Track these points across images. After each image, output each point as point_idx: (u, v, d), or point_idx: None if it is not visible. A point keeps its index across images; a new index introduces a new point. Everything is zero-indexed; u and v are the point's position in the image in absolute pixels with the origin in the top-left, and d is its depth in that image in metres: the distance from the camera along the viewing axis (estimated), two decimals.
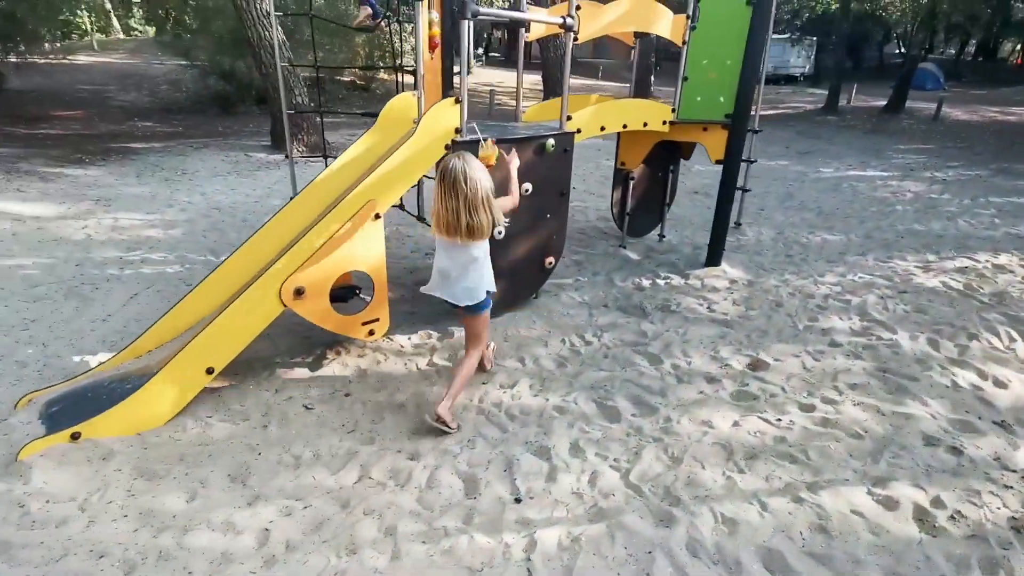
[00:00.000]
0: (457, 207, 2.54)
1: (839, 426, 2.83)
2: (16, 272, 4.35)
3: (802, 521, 2.22)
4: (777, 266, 5.15)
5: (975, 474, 2.51)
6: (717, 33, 4.32)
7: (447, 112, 3.21)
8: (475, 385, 3.19)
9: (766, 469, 2.51)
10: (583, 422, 2.86)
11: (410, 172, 3.15)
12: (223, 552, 2.02)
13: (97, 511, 2.19)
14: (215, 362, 2.77)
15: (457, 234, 2.60)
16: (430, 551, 2.07)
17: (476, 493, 2.37)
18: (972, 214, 6.95)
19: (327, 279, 3.00)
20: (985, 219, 6.72)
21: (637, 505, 2.30)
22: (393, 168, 3.07)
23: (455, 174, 2.51)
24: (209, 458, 2.52)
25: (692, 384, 3.22)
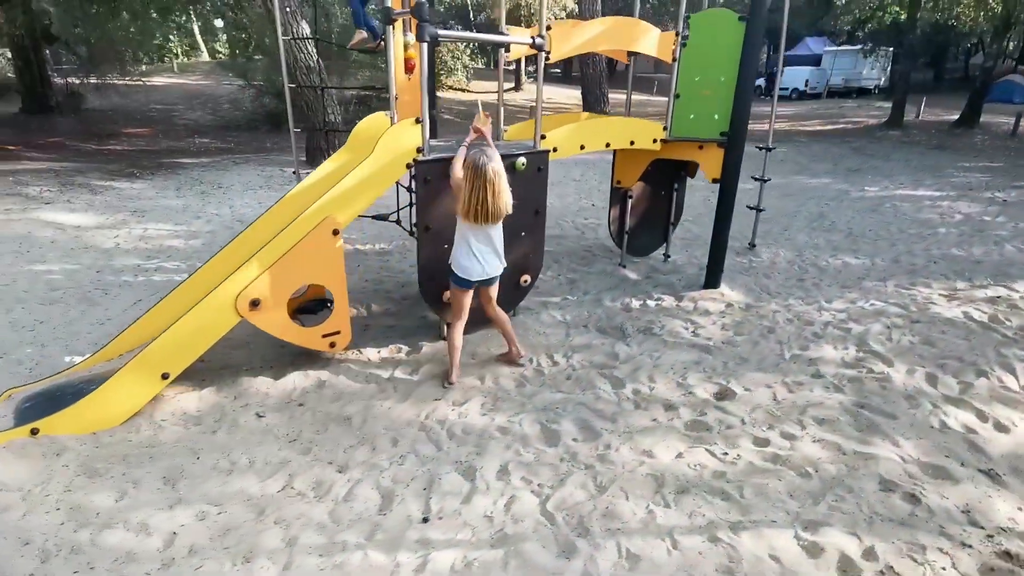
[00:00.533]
0: (487, 196, 2.94)
1: (788, 463, 2.65)
2: (43, 277, 4.76)
3: (710, 563, 2.09)
4: (783, 290, 4.91)
5: (927, 526, 2.29)
6: (709, 50, 4.20)
7: (408, 132, 3.28)
8: (427, 401, 3.20)
9: (693, 505, 2.39)
10: (520, 444, 2.82)
11: (368, 190, 3.23)
12: (128, 552, 2.12)
13: (35, 502, 2.35)
14: (171, 368, 2.93)
15: (488, 219, 3.01)
16: (322, 565, 2.09)
17: (388, 510, 2.38)
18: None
19: (284, 292, 3.11)
20: None
21: (545, 534, 2.24)
22: (351, 186, 3.16)
23: (483, 168, 2.91)
24: (150, 460, 2.65)
25: (647, 411, 3.11)
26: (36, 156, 9.59)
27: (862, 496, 2.44)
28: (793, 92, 30.73)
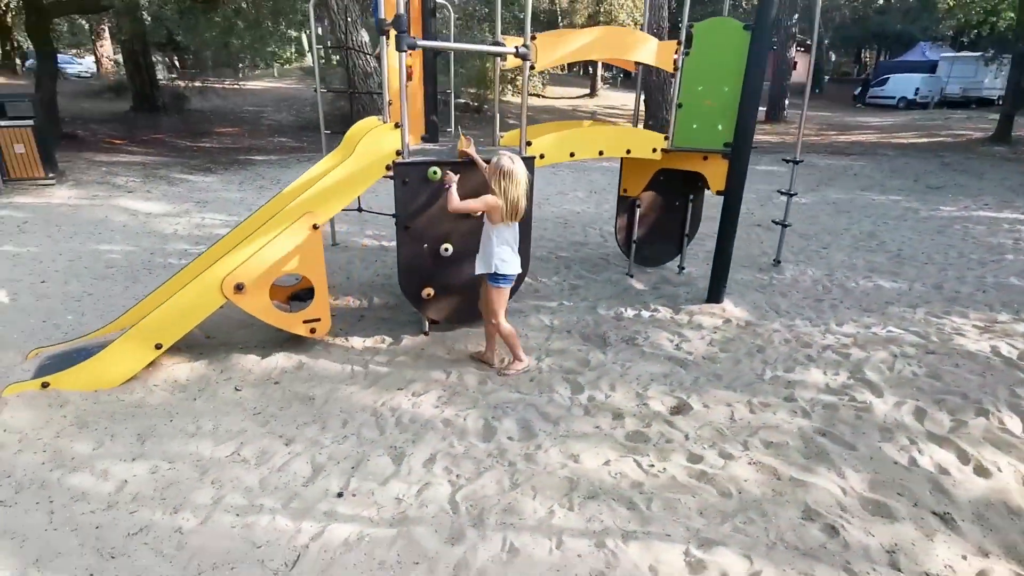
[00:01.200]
0: (519, 195, 3.21)
1: (713, 482, 2.60)
2: (104, 256, 5.43)
3: (585, 566, 2.12)
4: (794, 310, 4.68)
5: (831, 559, 2.18)
6: (713, 59, 4.12)
7: (387, 136, 3.50)
8: (389, 389, 3.39)
9: (595, 510, 2.41)
10: (456, 437, 2.94)
11: (348, 189, 3.48)
12: (83, 492, 2.46)
13: (28, 443, 2.76)
14: (163, 339, 3.30)
15: (519, 216, 3.30)
16: (234, 523, 2.32)
17: (311, 482, 2.58)
18: None
19: (266, 278, 3.41)
20: None
21: (442, 521, 2.35)
22: (330, 185, 3.42)
23: (513, 169, 3.17)
24: (132, 418, 3.02)
25: (593, 418, 3.13)
26: (135, 150, 10.82)
27: (774, 521, 2.36)
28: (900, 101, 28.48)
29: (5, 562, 2.07)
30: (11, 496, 2.41)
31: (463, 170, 3.55)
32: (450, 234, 3.75)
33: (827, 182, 10.38)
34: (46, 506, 2.36)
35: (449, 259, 3.80)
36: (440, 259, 3.79)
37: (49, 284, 4.71)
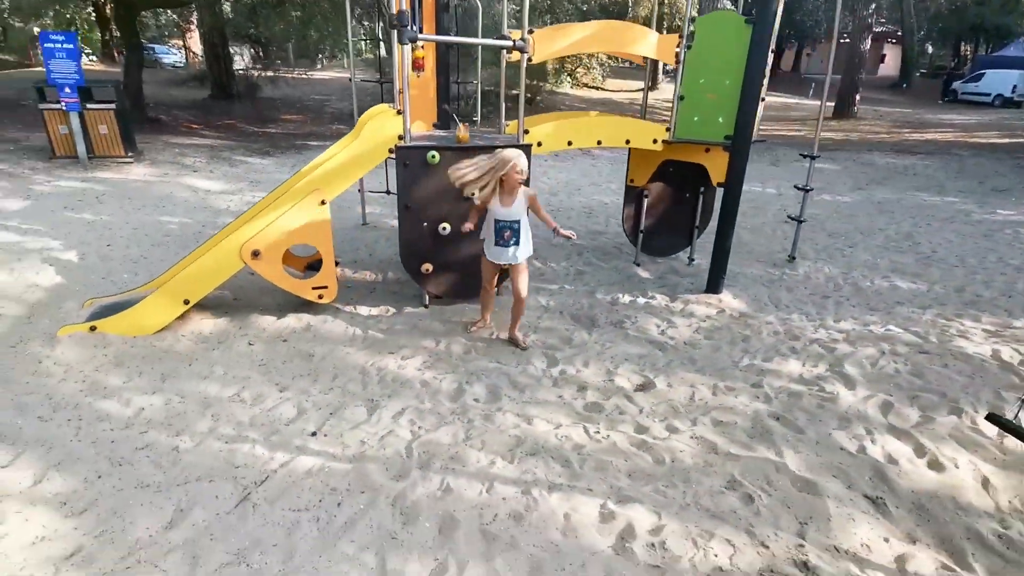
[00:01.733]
0: None
1: (651, 450, 2.78)
2: (164, 226, 6.09)
3: (507, 507, 2.37)
4: (795, 305, 4.68)
5: (737, 522, 2.33)
6: (715, 53, 4.18)
7: (391, 122, 3.82)
8: (381, 352, 3.74)
9: (532, 465, 2.65)
10: (429, 396, 3.24)
11: (353, 169, 3.84)
12: (106, 414, 2.94)
13: (71, 374, 3.29)
14: (191, 295, 3.78)
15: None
16: (220, 448, 2.72)
17: (292, 422, 2.95)
18: None
19: (280, 247, 3.83)
20: None
21: (395, 462, 2.67)
22: (338, 166, 3.79)
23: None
24: (159, 360, 3.51)
25: (559, 389, 3.35)
26: (207, 134, 11.78)
27: (695, 487, 2.52)
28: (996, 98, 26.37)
29: (33, 464, 2.55)
30: (48, 413, 2.92)
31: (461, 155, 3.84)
32: (448, 214, 4.05)
33: (880, 181, 9.93)
34: (75, 423, 2.85)
35: (447, 237, 4.10)
36: (439, 237, 4.09)
37: (113, 248, 5.38)
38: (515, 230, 3.57)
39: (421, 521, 2.30)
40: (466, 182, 3.40)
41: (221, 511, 2.33)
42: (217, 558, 2.11)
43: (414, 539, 2.22)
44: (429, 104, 4.56)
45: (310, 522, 2.29)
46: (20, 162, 8.17)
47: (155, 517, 2.28)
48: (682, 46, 4.23)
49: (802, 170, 10.68)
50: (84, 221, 6.10)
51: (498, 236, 3.59)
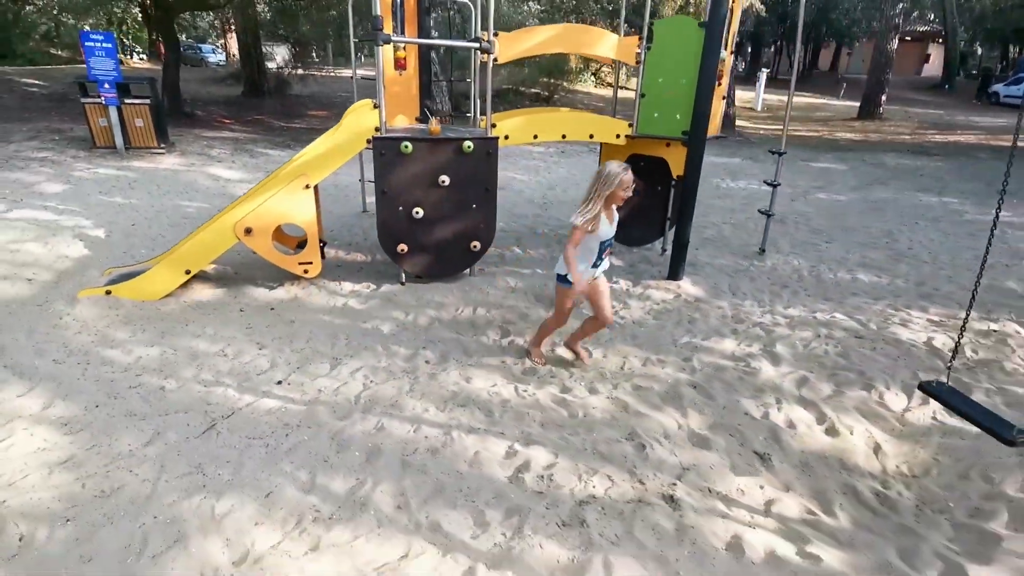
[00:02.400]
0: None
1: (567, 407, 3.14)
2: (183, 210, 6.70)
3: (426, 443, 2.78)
4: (752, 293, 4.94)
5: (622, 463, 2.68)
6: (671, 54, 4.49)
7: (367, 115, 4.26)
8: (355, 320, 4.18)
9: (460, 413, 3.05)
10: (386, 357, 3.66)
11: (335, 157, 4.29)
12: (111, 360, 3.45)
13: (85, 328, 3.83)
14: (191, 266, 4.30)
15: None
16: (198, 390, 3.20)
17: (264, 373, 3.42)
18: None
19: (270, 225, 4.31)
20: None
21: (342, 406, 3.09)
22: (320, 153, 4.25)
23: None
24: (160, 320, 4.03)
25: (504, 356, 3.73)
26: (237, 128, 12.51)
27: (595, 436, 2.87)
28: None
29: (44, 394, 3.07)
30: (62, 357, 3.45)
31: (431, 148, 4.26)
32: (422, 200, 4.46)
33: (884, 181, 9.94)
34: (83, 366, 3.37)
35: (421, 220, 4.52)
36: (413, 220, 4.51)
37: (136, 227, 5.99)
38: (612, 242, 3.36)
39: (352, 450, 2.72)
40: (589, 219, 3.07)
41: (190, 435, 2.80)
42: (181, 468, 2.57)
43: (343, 462, 2.64)
44: (412, 100, 4.99)
45: (260, 447, 2.73)
46: (64, 151, 8.96)
47: (136, 437, 2.76)
48: (642, 48, 4.55)
49: (806, 169, 10.81)
50: (115, 204, 6.75)
51: (600, 255, 3.26)
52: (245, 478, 2.52)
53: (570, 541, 2.24)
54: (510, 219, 7.09)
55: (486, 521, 2.33)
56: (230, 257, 5.03)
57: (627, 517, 2.37)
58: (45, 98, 13.52)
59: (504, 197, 8.24)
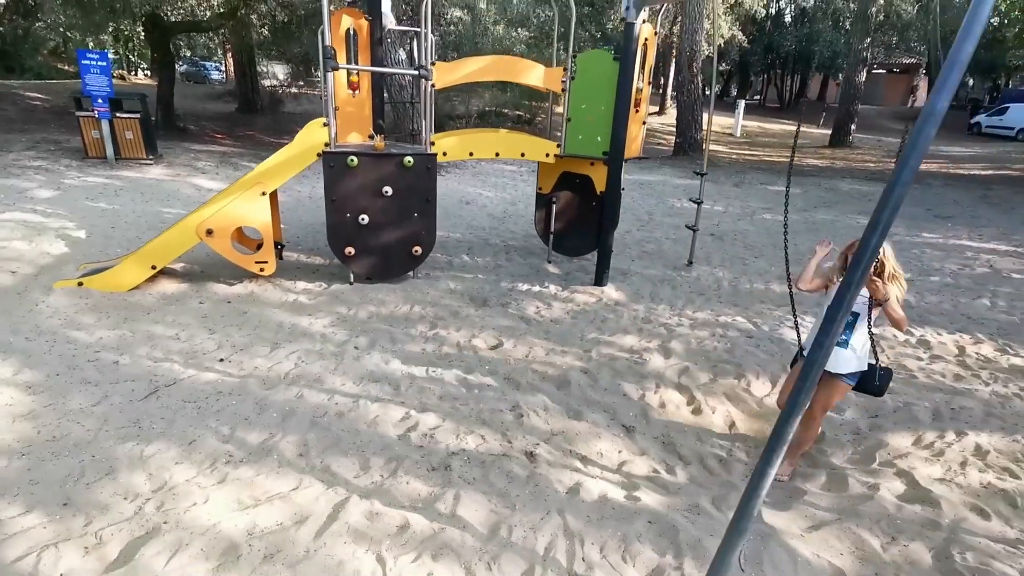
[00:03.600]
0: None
1: (466, 384, 3.63)
2: (162, 215, 7.23)
3: (335, 409, 3.26)
4: (668, 298, 5.45)
5: (498, 427, 3.16)
6: (592, 83, 5.06)
7: (318, 131, 4.81)
8: (299, 314, 4.67)
9: (371, 387, 3.54)
10: (320, 342, 4.15)
11: (288, 167, 4.83)
12: (75, 340, 3.94)
13: (56, 313, 4.32)
14: (157, 262, 4.81)
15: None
16: (151, 365, 3.68)
17: (209, 354, 3.90)
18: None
19: (229, 226, 4.83)
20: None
21: (271, 380, 3.58)
22: (275, 164, 4.79)
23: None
24: (126, 309, 4.52)
25: (426, 344, 4.22)
26: (226, 143, 13.13)
27: (482, 406, 3.36)
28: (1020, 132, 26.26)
29: (14, 364, 3.56)
30: (33, 336, 3.94)
31: (374, 162, 4.81)
32: (367, 208, 4.99)
33: (830, 204, 10.52)
34: (50, 343, 3.86)
35: (367, 226, 5.04)
36: (359, 226, 5.04)
37: (116, 229, 6.51)
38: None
39: (270, 412, 3.21)
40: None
41: (134, 399, 3.28)
42: (121, 423, 3.05)
43: (260, 421, 3.12)
44: (366, 119, 5.55)
45: (193, 408, 3.22)
46: (58, 160, 9.52)
47: (87, 399, 3.24)
48: (567, 78, 5.12)
49: (762, 192, 11.39)
50: (99, 209, 7.28)
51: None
52: (174, 431, 3.00)
53: (433, 480, 2.72)
54: (467, 230, 7.62)
55: (369, 466, 2.81)
56: (198, 256, 5.55)
57: (487, 465, 2.85)
58: (46, 111, 14.16)
59: (468, 211, 8.80)
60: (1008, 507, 2.83)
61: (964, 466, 3.12)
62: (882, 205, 1.77)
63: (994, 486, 2.97)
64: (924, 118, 1.28)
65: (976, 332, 4.91)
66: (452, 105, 15.47)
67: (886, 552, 2.50)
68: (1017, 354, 4.52)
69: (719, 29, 21.16)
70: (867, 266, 1.94)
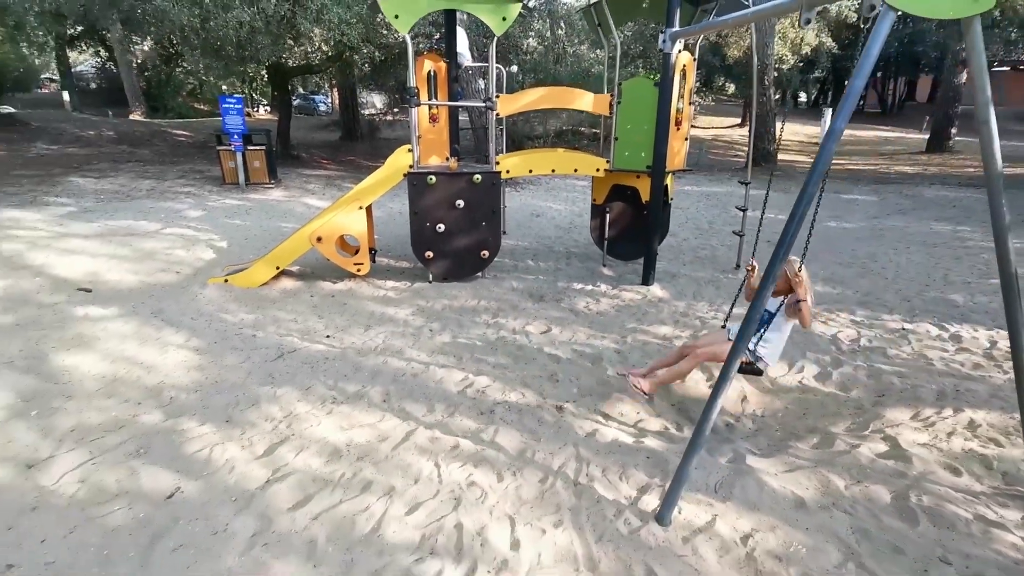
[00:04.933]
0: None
1: (515, 358, 4.43)
2: (282, 228, 8.69)
3: (412, 371, 4.19)
4: (710, 297, 5.98)
5: (537, 387, 3.94)
6: (636, 106, 5.76)
7: (404, 156, 5.88)
8: (387, 305, 5.71)
9: (439, 358, 4.44)
10: (402, 326, 5.13)
11: (380, 186, 5.92)
12: (226, 319, 5.18)
13: (211, 301, 5.63)
14: (280, 264, 6.06)
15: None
16: (277, 339, 4.82)
17: (317, 331, 4.99)
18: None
19: (333, 235, 5.99)
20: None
21: (364, 350, 4.58)
22: (369, 184, 5.90)
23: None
24: (257, 300, 5.77)
25: (487, 329, 5.08)
26: (331, 167, 14.94)
27: (524, 372, 4.15)
28: None
29: (186, 335, 4.81)
30: (196, 316, 5.23)
31: (449, 180, 5.80)
32: (443, 218, 5.98)
33: (905, 211, 10.34)
34: (208, 322, 5.12)
35: (443, 234, 6.03)
36: (437, 234, 6.04)
37: (248, 240, 8.00)
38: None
39: (363, 371, 4.19)
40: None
41: (267, 360, 4.39)
42: (259, 374, 4.14)
43: (355, 377, 4.10)
44: (444, 144, 6.58)
45: (307, 367, 4.26)
46: (202, 186, 11.50)
47: (236, 359, 4.39)
48: (614, 102, 5.87)
49: (834, 201, 11.35)
50: (235, 224, 8.89)
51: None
52: (295, 381, 4.05)
53: (480, 420, 3.55)
54: (535, 239, 8.48)
55: (434, 409, 3.69)
56: (309, 260, 6.81)
57: (523, 412, 3.64)
58: (190, 146, 16.78)
59: (537, 222, 9.68)
60: (983, 468, 3.21)
61: (951, 435, 3.49)
62: (800, 200, 2.49)
63: (975, 451, 3.34)
64: (829, 135, 1.94)
65: None
66: (531, 126, 16.51)
67: (847, 490, 3.00)
68: None
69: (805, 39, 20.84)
70: (785, 253, 2.62)
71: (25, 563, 2.40)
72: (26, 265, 6.35)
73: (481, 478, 2.99)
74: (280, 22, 10.07)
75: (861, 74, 2.44)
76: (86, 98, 27.09)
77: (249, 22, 9.62)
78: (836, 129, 2.48)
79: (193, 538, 2.55)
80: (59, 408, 3.60)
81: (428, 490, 2.89)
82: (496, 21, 5.30)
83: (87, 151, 14.14)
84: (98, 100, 26.94)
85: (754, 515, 2.78)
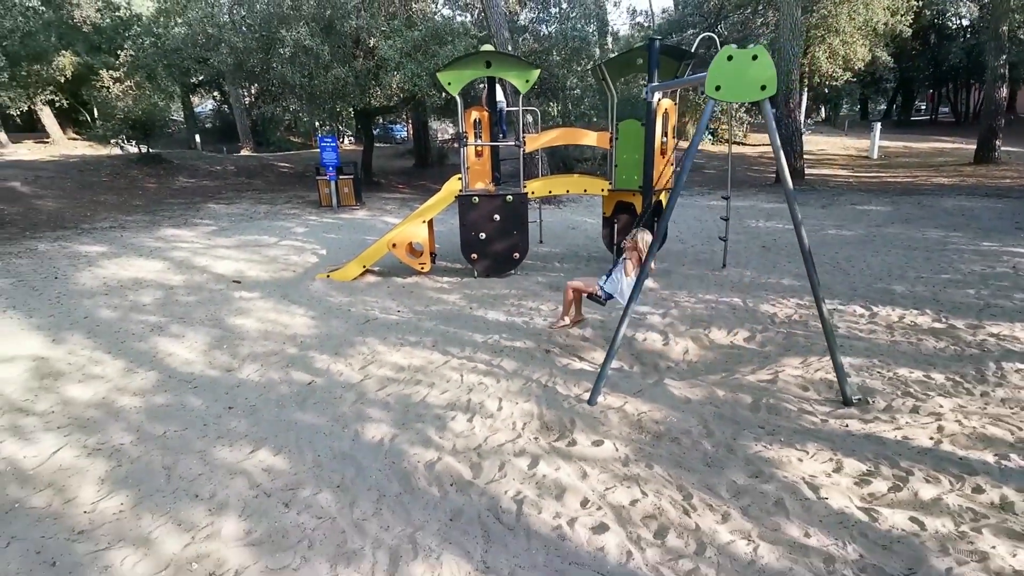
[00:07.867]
0: None
1: (520, 327, 6.28)
2: (362, 240, 11.01)
3: (453, 336, 6.15)
4: (694, 288, 7.56)
5: (536, 341, 5.78)
6: (629, 141, 7.52)
7: (456, 182, 7.94)
8: (443, 294, 7.72)
9: (473, 323, 6.37)
10: (453, 307, 7.12)
11: (437, 205, 8.00)
12: (329, 301, 7.38)
13: (318, 290, 7.87)
14: (366, 263, 8.25)
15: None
16: (361, 312, 6.93)
17: (391, 310, 7.06)
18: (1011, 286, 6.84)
19: (404, 241, 8.12)
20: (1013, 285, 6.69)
21: (423, 316, 6.59)
22: (430, 203, 8.00)
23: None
24: (349, 289, 7.95)
25: (509, 305, 6.96)
26: (406, 191, 17.43)
27: (532, 331, 6.00)
28: None
29: (303, 311, 7.03)
30: (308, 300, 7.46)
31: (488, 200, 7.79)
32: (484, 228, 7.96)
33: (910, 220, 11.25)
34: (318, 302, 7.33)
35: (484, 240, 8.01)
36: (479, 240, 8.02)
37: (341, 248, 10.34)
38: None
39: (420, 331, 6.19)
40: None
41: (358, 323, 6.49)
42: (354, 331, 6.23)
43: (415, 333, 6.11)
44: (487, 172, 8.60)
45: (385, 328, 6.32)
46: (304, 209, 14.19)
47: (339, 323, 6.52)
48: (612, 138, 7.66)
49: (848, 212, 12.38)
50: (331, 237, 11.32)
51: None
52: (377, 335, 6.10)
53: (492, 355, 5.43)
54: (566, 248, 10.31)
55: (464, 352, 5.61)
56: (386, 262, 8.98)
57: (520, 352, 5.49)
58: (292, 176, 19.93)
59: (571, 234, 11.49)
60: (826, 387, 4.72)
61: (817, 371, 5.00)
62: (675, 189, 4.34)
63: (829, 379, 4.83)
64: (687, 155, 3.73)
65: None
66: (580, 151, 18.38)
67: (723, 396, 4.62)
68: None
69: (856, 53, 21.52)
70: (661, 237, 4.39)
71: (239, 407, 4.53)
72: (194, 266, 8.93)
73: (487, 381, 4.89)
74: (367, 76, 12.59)
75: (694, 144, 4.16)
76: (204, 135, 31.66)
77: (343, 78, 12.19)
78: (684, 168, 4.21)
79: (323, 399, 4.60)
80: (238, 344, 5.84)
81: (454, 386, 4.82)
82: (521, 82, 7.28)
83: (216, 183, 17.44)
84: (214, 137, 31.44)
85: (652, 404, 4.48)
